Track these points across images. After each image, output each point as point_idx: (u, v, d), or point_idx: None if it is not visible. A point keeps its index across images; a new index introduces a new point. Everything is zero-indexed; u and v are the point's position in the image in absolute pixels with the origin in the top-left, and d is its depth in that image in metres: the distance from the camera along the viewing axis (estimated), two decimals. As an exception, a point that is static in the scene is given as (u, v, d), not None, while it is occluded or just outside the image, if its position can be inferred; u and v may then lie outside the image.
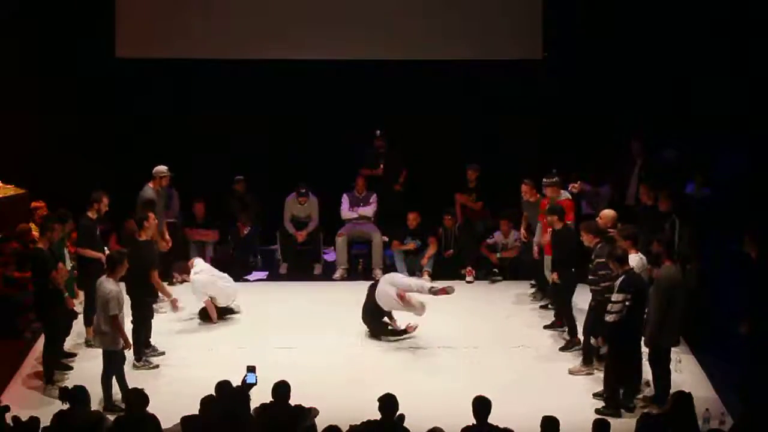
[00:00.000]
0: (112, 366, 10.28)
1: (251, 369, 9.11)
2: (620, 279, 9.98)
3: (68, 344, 11.40)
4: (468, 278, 13.92)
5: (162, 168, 13.01)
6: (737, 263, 11.13)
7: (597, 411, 9.99)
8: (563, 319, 11.94)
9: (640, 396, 10.38)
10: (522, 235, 13.23)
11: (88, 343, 11.50)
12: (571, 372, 11.02)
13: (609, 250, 10.36)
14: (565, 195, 12.54)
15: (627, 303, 9.84)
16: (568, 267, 11.61)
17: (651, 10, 14.28)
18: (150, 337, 11.40)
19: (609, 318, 9.94)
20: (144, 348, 11.20)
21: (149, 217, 11.59)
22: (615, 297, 9.91)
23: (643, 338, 10.28)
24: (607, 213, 11.69)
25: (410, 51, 14.78)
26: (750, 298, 10.57)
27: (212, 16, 14.73)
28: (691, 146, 14.00)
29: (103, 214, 11.78)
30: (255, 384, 8.99)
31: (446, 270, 14.02)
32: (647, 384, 10.54)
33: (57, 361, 10.92)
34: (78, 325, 11.57)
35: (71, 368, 11.10)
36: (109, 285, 10.20)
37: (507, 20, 14.77)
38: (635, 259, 10.45)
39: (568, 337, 11.74)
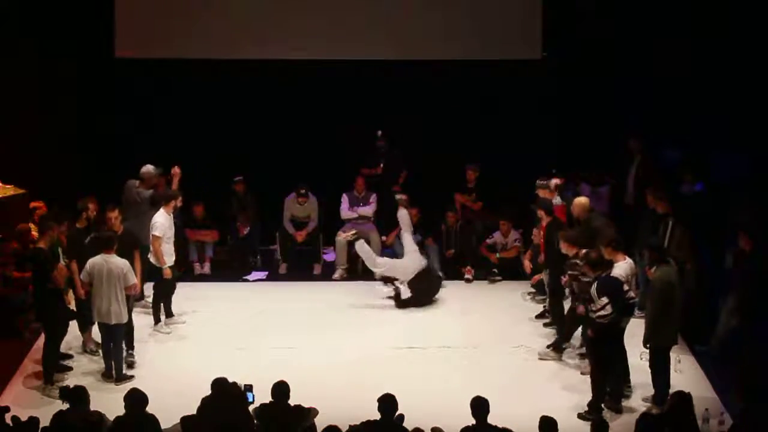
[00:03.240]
0: (120, 337, 10.82)
1: (249, 388, 9.11)
2: (594, 285, 10.00)
3: (64, 346, 11.24)
4: (467, 276, 13.91)
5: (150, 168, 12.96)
6: (735, 262, 11.17)
7: (579, 416, 10.00)
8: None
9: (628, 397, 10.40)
10: (526, 266, 13.03)
11: (87, 351, 11.48)
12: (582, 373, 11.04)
13: (585, 253, 10.40)
14: (557, 201, 12.47)
15: (610, 305, 9.83)
16: (559, 263, 11.39)
17: (651, 10, 14.28)
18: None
19: (600, 321, 9.94)
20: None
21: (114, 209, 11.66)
22: (599, 303, 9.91)
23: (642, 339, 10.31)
24: (579, 201, 11.82)
25: (410, 51, 14.79)
26: (743, 292, 10.64)
27: (212, 16, 14.73)
28: (690, 146, 14.02)
29: (93, 220, 11.70)
30: (252, 402, 9.00)
31: (447, 269, 13.99)
32: (631, 388, 10.53)
33: (57, 361, 10.91)
34: (73, 326, 11.48)
35: (71, 368, 11.10)
36: (118, 260, 10.68)
37: (507, 20, 14.77)
38: (623, 267, 10.41)
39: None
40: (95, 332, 11.24)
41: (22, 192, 13.19)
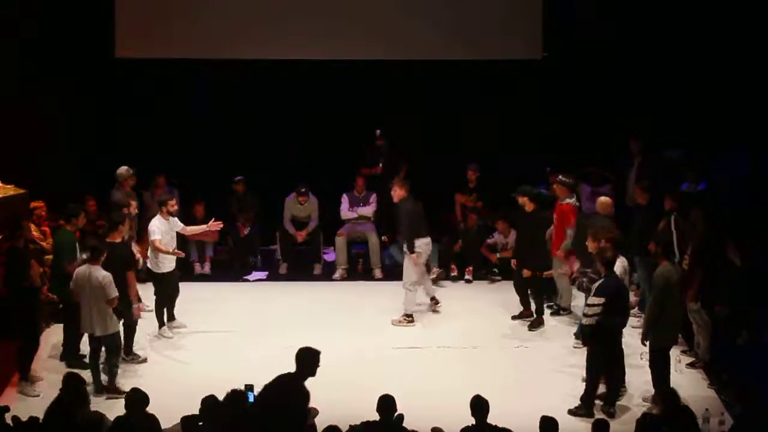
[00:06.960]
0: (111, 348, 10.55)
1: (249, 388, 9.09)
2: (598, 282, 9.97)
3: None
4: (467, 276, 13.90)
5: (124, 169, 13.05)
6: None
7: (570, 411, 9.99)
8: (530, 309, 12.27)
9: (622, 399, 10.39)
10: None
11: None
12: None
13: (599, 251, 10.34)
14: (568, 201, 12.35)
15: (602, 307, 9.82)
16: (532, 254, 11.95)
17: (651, 9, 14.29)
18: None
19: (585, 321, 9.96)
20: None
21: (124, 220, 11.64)
22: (591, 300, 9.91)
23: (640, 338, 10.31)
24: (603, 200, 11.87)
25: (410, 51, 14.80)
26: (743, 306, 10.54)
27: (212, 16, 14.74)
28: (691, 146, 14.02)
29: (81, 227, 11.64)
30: (253, 402, 8.98)
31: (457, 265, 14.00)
32: (625, 388, 10.52)
33: (32, 359, 10.78)
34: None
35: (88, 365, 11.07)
36: (100, 271, 10.34)
37: (507, 20, 14.79)
38: (616, 265, 10.42)
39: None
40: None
41: (22, 192, 13.18)
